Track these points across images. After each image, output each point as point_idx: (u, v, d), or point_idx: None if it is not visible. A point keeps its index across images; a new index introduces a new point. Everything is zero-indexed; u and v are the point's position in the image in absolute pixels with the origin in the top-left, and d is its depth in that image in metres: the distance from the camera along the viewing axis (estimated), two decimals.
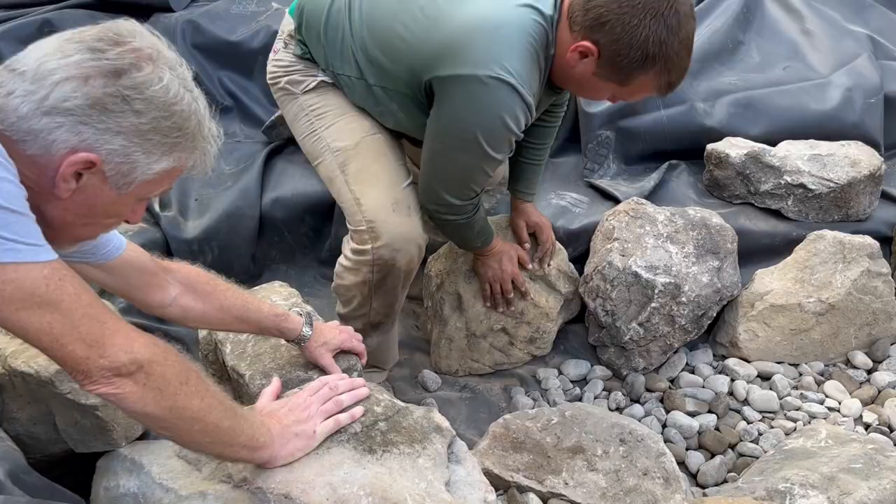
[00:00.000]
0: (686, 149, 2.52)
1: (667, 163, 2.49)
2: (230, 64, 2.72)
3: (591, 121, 2.49)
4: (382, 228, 1.75)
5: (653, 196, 2.39)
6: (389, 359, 2.13)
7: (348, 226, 1.81)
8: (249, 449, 1.18)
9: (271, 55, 1.88)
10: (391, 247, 1.76)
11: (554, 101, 1.91)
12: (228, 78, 2.73)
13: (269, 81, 1.89)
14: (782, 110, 2.50)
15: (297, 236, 2.46)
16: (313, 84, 1.81)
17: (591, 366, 2.25)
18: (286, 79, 1.83)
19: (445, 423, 1.42)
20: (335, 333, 1.59)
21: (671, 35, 1.47)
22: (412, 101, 1.70)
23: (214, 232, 2.29)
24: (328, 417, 1.30)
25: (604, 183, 2.44)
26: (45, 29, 2.62)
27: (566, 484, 1.63)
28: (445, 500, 1.28)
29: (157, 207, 2.30)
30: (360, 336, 1.64)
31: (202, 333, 1.76)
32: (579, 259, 2.31)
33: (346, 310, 1.92)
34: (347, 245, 1.83)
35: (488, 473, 1.64)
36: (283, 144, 2.56)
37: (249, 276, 2.35)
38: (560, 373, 2.24)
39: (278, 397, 1.37)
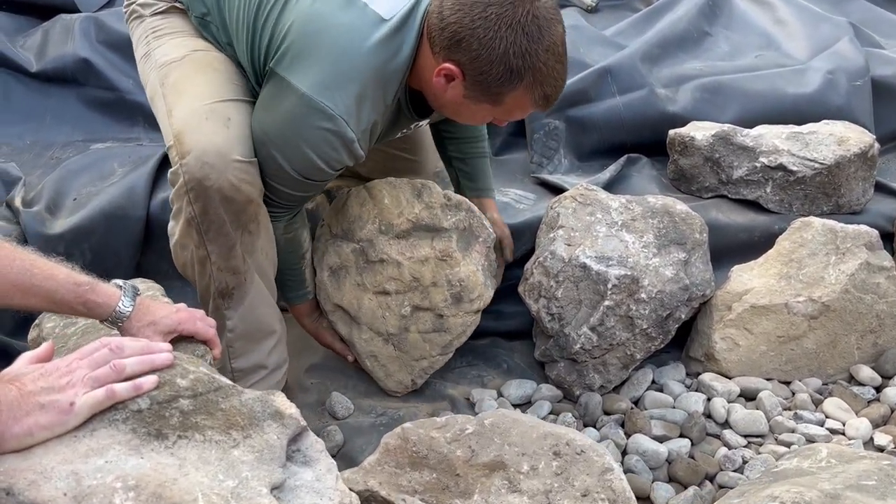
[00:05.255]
0: (648, 141, 2.18)
1: (625, 156, 2.15)
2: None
3: None
4: (190, 138, 1.43)
5: (609, 191, 2.02)
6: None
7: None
8: None
9: None
10: (200, 160, 1.41)
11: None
12: (134, 80, 2.44)
13: (123, 9, 1.70)
14: (756, 95, 2.17)
15: None
16: (164, 7, 1.63)
17: (538, 385, 1.84)
18: (140, 1, 1.66)
19: (292, 410, 1.03)
20: (169, 311, 1.20)
21: (533, 44, 1.33)
22: (254, 78, 1.54)
23: (87, 232, 1.92)
24: (100, 387, 0.91)
25: (553, 177, 2.09)
26: None
27: None
28: None
29: (17, 203, 1.95)
30: (212, 321, 1.26)
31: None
32: (523, 260, 1.94)
33: (198, 287, 1.54)
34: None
35: (373, 496, 1.22)
36: None
37: None
38: (500, 395, 1.83)
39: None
